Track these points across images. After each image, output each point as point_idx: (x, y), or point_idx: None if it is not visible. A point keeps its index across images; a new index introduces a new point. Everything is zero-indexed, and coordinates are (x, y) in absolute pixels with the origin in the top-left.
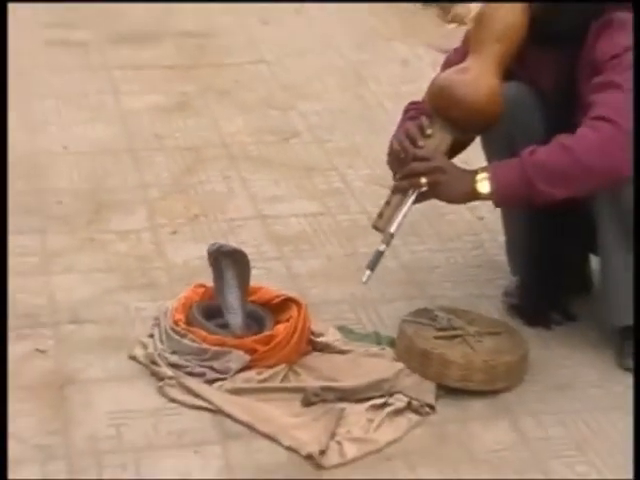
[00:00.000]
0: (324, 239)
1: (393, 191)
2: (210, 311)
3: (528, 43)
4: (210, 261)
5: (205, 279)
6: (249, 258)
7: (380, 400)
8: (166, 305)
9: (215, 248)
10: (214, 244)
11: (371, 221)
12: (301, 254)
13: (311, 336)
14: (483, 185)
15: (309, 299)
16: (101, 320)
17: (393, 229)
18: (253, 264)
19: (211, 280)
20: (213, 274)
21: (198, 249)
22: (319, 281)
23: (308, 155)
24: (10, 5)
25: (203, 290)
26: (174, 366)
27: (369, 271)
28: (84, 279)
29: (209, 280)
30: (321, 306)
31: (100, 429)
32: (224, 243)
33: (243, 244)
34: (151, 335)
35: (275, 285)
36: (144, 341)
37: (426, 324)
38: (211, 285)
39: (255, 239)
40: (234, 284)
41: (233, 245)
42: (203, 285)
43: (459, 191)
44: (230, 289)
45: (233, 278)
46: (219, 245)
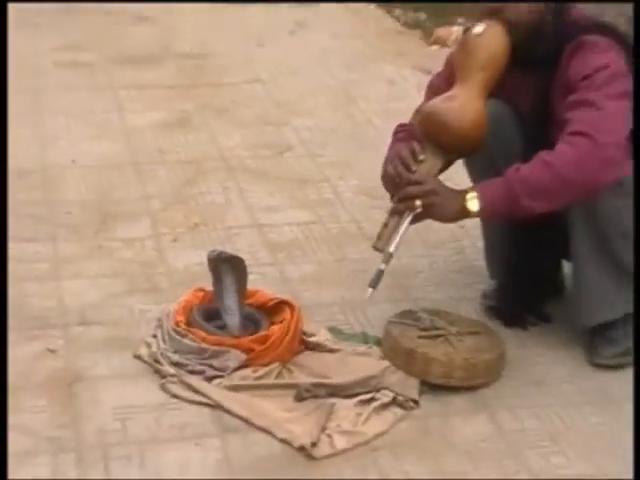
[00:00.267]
0: (315, 246)
1: (390, 214)
2: (209, 313)
3: (509, 68)
4: (209, 267)
5: (204, 283)
6: (246, 264)
7: (367, 395)
8: (168, 308)
9: (214, 255)
10: (213, 251)
11: (360, 229)
12: (294, 260)
13: (303, 336)
14: (473, 204)
15: (301, 302)
16: (107, 322)
17: (392, 249)
18: (249, 269)
19: (210, 284)
20: (212, 279)
21: (198, 255)
22: (311, 285)
23: (301, 168)
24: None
25: (203, 294)
26: (176, 364)
27: (371, 289)
28: (92, 284)
29: (208, 284)
30: (313, 308)
31: (107, 423)
32: (222, 250)
33: (240, 251)
34: (154, 335)
35: (270, 289)
36: (148, 341)
37: (410, 325)
38: (210, 289)
39: (251, 246)
40: (232, 288)
41: (231, 252)
42: (202, 289)
43: (451, 211)
44: (228, 293)
45: (231, 283)
46: (218, 252)
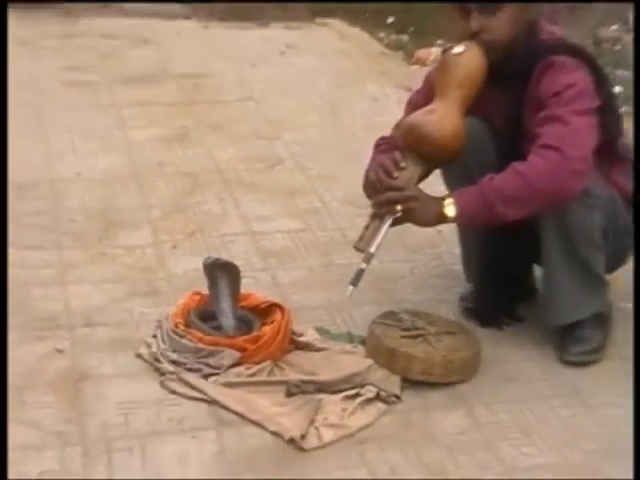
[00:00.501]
0: (305, 252)
1: (372, 217)
2: (205, 315)
3: (485, 86)
4: (205, 272)
5: (201, 287)
6: (240, 269)
7: (353, 391)
8: (167, 310)
9: (210, 261)
10: (209, 257)
11: (345, 237)
12: (284, 265)
13: (293, 336)
14: (450, 209)
15: (291, 304)
16: (111, 323)
17: (372, 249)
18: (243, 274)
19: (206, 288)
20: (208, 283)
21: (195, 262)
22: (300, 289)
23: (291, 180)
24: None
25: (199, 297)
26: (174, 363)
27: (352, 287)
28: (96, 288)
29: (205, 288)
30: (301, 310)
31: (110, 417)
32: (218, 257)
33: (235, 257)
34: (154, 336)
35: (262, 292)
36: (148, 341)
37: (392, 325)
38: (206, 293)
39: (245, 252)
40: (226, 292)
41: (226, 258)
42: (199, 293)
43: (429, 216)
44: (223, 296)
45: (226, 287)
46: (214, 258)
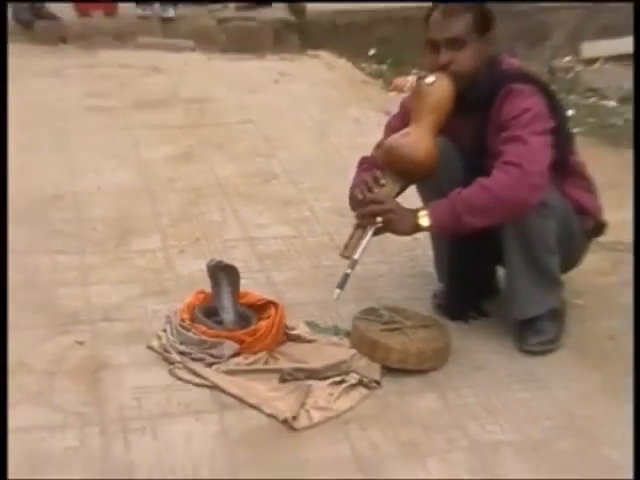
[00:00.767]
0: (296, 255)
1: (355, 227)
2: (209, 311)
3: (453, 111)
4: (209, 273)
5: (205, 287)
6: (239, 270)
7: (338, 378)
8: (175, 307)
9: (213, 263)
10: (212, 260)
11: (332, 242)
12: (279, 267)
13: (286, 329)
14: (424, 220)
15: (285, 301)
16: (126, 319)
17: (356, 256)
18: (242, 275)
19: (210, 287)
20: (211, 283)
21: (199, 264)
22: (292, 287)
23: (285, 192)
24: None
25: (203, 295)
26: (181, 353)
27: (339, 290)
28: (113, 288)
29: (208, 288)
30: (294, 306)
31: (126, 401)
32: (220, 259)
33: (235, 260)
34: (164, 330)
35: (259, 291)
36: (159, 334)
37: (373, 320)
38: (209, 291)
39: (244, 256)
40: (227, 290)
41: (227, 261)
42: (203, 291)
43: (406, 226)
44: (224, 294)
45: (227, 286)
46: (216, 261)
